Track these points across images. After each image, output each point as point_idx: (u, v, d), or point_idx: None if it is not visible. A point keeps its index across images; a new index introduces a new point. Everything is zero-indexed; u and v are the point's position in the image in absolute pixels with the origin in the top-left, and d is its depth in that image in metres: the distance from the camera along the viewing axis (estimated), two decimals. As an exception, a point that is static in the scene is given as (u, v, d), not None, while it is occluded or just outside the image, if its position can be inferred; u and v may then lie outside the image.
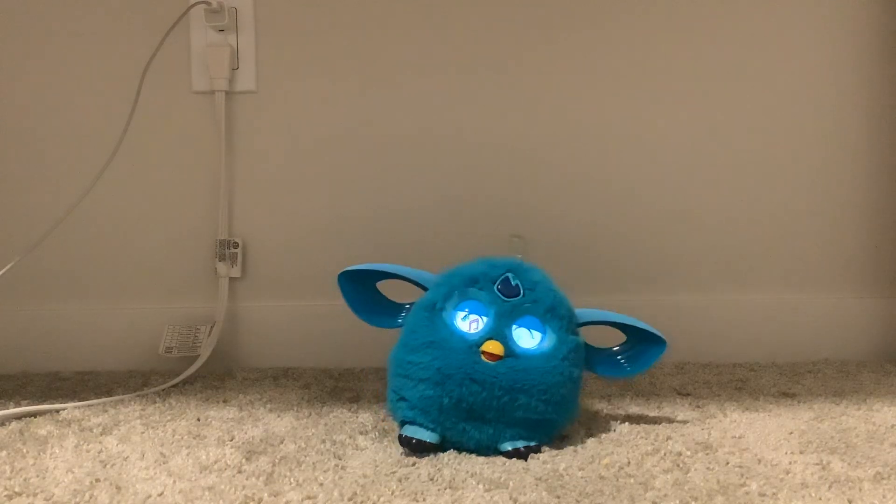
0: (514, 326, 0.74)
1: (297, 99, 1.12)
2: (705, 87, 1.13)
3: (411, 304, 0.81)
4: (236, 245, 1.11)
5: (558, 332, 0.75)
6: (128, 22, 1.10)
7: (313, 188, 1.12)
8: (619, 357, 0.82)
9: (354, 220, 1.12)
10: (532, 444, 0.72)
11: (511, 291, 0.76)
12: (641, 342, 0.81)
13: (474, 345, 0.73)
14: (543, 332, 0.75)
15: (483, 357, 0.72)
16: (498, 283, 0.76)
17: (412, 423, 0.73)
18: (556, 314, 0.76)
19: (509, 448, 0.71)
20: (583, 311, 0.79)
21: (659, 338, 0.80)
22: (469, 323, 0.75)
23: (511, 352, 0.73)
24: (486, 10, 1.12)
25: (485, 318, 0.75)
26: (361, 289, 0.83)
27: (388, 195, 1.12)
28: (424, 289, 0.80)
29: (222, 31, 1.10)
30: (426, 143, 1.12)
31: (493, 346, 0.72)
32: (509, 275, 0.76)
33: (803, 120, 1.15)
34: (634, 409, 0.87)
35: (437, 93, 1.12)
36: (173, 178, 1.12)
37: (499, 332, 0.74)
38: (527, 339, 0.74)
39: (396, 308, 0.83)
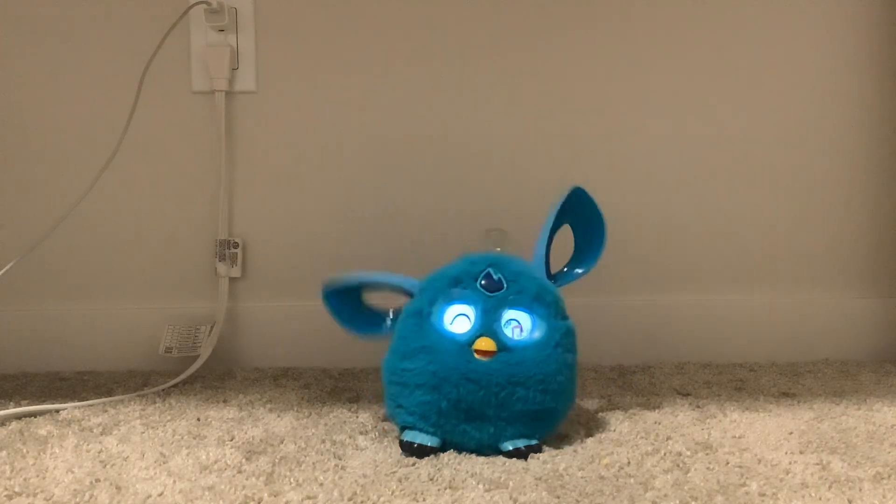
0: (502, 320, 0.74)
1: (297, 99, 1.12)
2: (706, 88, 1.13)
3: (397, 309, 0.80)
4: (236, 245, 1.11)
5: (547, 319, 0.74)
6: (128, 22, 1.10)
7: (313, 188, 1.12)
8: (567, 269, 0.84)
9: (354, 220, 1.12)
10: (532, 442, 0.72)
11: (494, 286, 0.75)
12: (585, 237, 0.83)
13: (466, 344, 0.72)
14: (533, 322, 0.74)
15: (476, 355, 0.72)
16: (480, 279, 0.75)
17: (412, 427, 0.73)
18: (542, 301, 0.75)
19: (510, 448, 0.71)
20: (535, 255, 0.80)
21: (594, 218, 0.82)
22: (457, 323, 0.74)
23: (503, 346, 0.72)
24: (488, 11, 1.12)
25: (473, 317, 0.74)
26: (346, 300, 0.83)
27: (388, 195, 1.12)
28: (410, 294, 0.79)
29: (222, 31, 1.10)
30: (427, 142, 1.12)
31: (485, 343, 0.72)
32: (490, 269, 0.76)
33: (803, 120, 1.14)
34: (634, 409, 0.87)
35: (438, 93, 1.12)
36: (173, 179, 1.12)
37: (488, 328, 0.73)
38: (517, 330, 0.74)
39: (383, 316, 0.83)
